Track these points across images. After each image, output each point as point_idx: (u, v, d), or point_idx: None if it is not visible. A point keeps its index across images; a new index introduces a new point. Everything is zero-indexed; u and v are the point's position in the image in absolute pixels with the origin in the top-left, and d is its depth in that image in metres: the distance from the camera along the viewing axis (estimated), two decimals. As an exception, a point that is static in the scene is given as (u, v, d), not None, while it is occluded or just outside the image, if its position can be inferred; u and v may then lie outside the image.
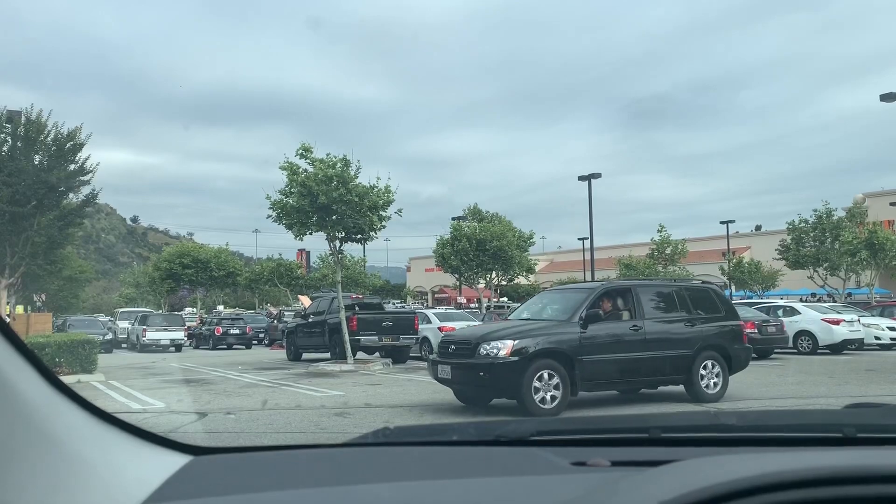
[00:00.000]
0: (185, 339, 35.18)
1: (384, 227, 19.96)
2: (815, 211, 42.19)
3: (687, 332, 11.62)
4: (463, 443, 1.63)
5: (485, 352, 10.26)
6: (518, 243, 43.42)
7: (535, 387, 10.06)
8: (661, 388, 12.12)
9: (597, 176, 38.94)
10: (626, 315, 11.41)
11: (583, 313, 10.81)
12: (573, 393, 10.41)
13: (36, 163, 28.77)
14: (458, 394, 11.51)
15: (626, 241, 73.70)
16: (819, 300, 37.10)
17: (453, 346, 11.04)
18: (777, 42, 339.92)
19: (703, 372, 11.54)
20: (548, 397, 10.13)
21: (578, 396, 10.68)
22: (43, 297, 54.68)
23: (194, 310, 56.05)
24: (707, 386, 11.55)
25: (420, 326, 22.02)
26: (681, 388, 11.76)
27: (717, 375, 11.67)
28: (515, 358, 10.06)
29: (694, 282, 13.95)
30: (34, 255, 31.32)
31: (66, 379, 12.47)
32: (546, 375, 10.15)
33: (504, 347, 10.17)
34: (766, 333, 21.39)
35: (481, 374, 10.23)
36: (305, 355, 23.13)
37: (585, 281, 48.81)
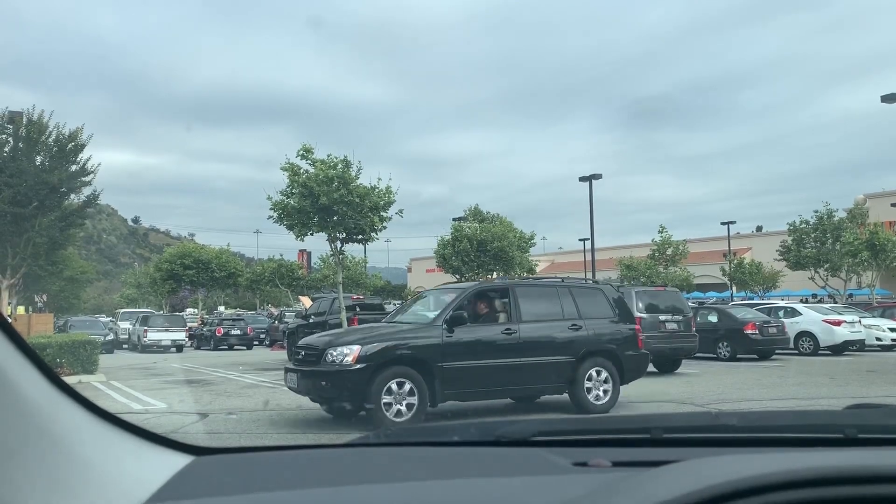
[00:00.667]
0: (187, 339, 35.20)
1: (385, 227, 20.02)
2: (816, 212, 42.20)
3: (570, 337, 10.68)
4: (464, 443, 1.64)
5: (330, 359, 9.25)
6: (519, 244, 43.42)
7: (386, 397, 9.12)
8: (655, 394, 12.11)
9: (597, 177, 38.94)
10: (502, 317, 10.52)
11: (447, 316, 9.91)
12: (432, 403, 9.49)
13: (37, 164, 28.81)
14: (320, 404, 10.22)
15: (627, 241, 73.67)
16: (820, 301, 37.09)
17: (302, 353, 9.97)
18: (778, 42, 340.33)
19: (588, 381, 10.66)
20: (402, 408, 9.17)
21: (438, 407, 9.79)
22: (44, 297, 54.71)
23: (195, 310, 56.05)
24: (595, 395, 10.65)
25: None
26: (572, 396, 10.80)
27: (605, 383, 10.75)
28: (362, 365, 9.08)
29: (586, 282, 13.18)
30: (35, 255, 31.35)
31: (68, 379, 12.45)
32: (398, 384, 9.20)
33: (350, 354, 9.18)
34: (767, 334, 21.38)
35: (324, 383, 9.30)
36: (306, 356, 23.09)
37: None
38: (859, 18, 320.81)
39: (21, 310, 38.23)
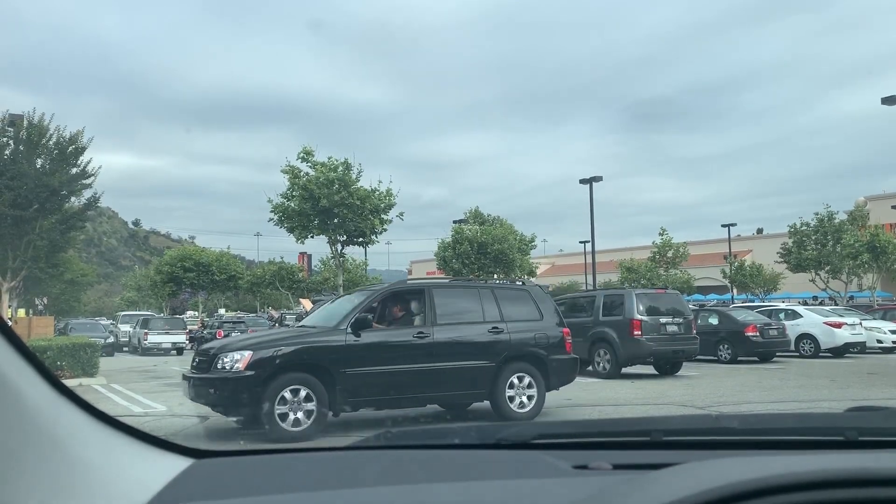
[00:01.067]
0: (187, 342, 35.18)
1: (385, 230, 20.06)
2: (817, 214, 42.23)
3: (489, 341, 10.12)
4: (464, 446, 1.63)
5: (220, 365, 8.76)
6: (519, 246, 43.46)
7: (280, 407, 8.58)
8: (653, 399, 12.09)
9: (598, 179, 38.95)
10: (417, 320, 9.99)
11: (352, 319, 9.34)
12: (333, 411, 8.99)
13: (38, 166, 28.84)
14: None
15: (627, 244, 73.74)
16: (821, 303, 37.09)
17: (198, 359, 9.46)
18: (779, 44, 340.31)
19: (511, 387, 10.10)
20: (299, 417, 8.66)
21: (349, 414, 9.38)
22: (44, 300, 54.76)
23: (196, 313, 56.09)
24: (518, 403, 10.11)
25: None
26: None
27: (529, 389, 10.21)
28: (252, 372, 8.57)
29: (513, 283, 12.64)
30: (36, 258, 31.37)
31: (68, 382, 12.48)
32: (293, 392, 8.67)
33: (240, 360, 8.67)
34: (768, 337, 21.38)
35: (212, 390, 8.74)
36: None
37: (586, 286, 48.80)
38: (860, 20, 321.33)
39: (21, 313, 38.24)
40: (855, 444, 1.56)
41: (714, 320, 22.17)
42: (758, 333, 21.11)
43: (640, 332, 16.53)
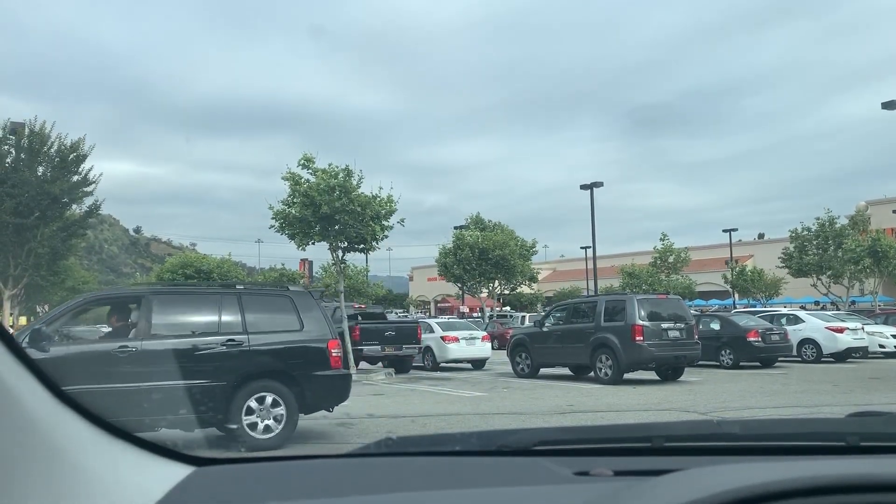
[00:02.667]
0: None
1: (387, 236, 20.01)
2: (818, 219, 42.22)
3: (220, 355, 8.80)
4: (466, 453, 1.63)
5: None
6: (521, 252, 43.44)
7: None
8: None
9: (599, 185, 39.01)
10: (132, 332, 8.81)
11: (28, 331, 8.29)
12: None
13: (39, 174, 28.94)
14: None
15: (629, 249, 73.73)
16: (822, 308, 37.05)
17: None
18: (780, 49, 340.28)
19: (251, 410, 8.83)
20: None
21: None
22: (46, 307, 54.70)
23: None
24: (262, 427, 8.83)
25: (423, 336, 22.04)
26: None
27: (276, 408, 8.93)
28: None
29: (274, 288, 11.27)
30: (37, 266, 31.42)
31: (69, 390, 12.44)
32: None
33: None
34: (770, 342, 21.36)
35: None
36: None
37: (588, 292, 48.78)
38: (861, 25, 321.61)
39: (23, 320, 38.27)
40: (857, 450, 1.55)
41: (716, 325, 22.16)
42: (760, 338, 21.10)
43: (641, 338, 16.51)
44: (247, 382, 8.85)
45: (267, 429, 8.85)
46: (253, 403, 8.83)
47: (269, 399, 8.92)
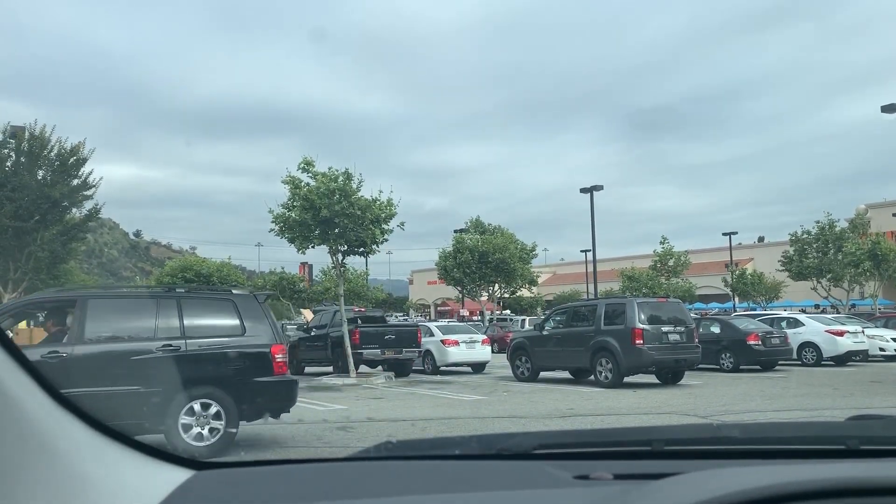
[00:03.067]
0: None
1: (386, 240, 20.02)
2: (818, 222, 42.25)
3: (156, 361, 8.47)
4: (465, 457, 1.63)
5: None
6: (520, 255, 43.46)
7: None
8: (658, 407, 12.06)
9: (599, 188, 39.02)
10: (66, 337, 8.54)
11: None
12: None
13: (39, 178, 28.97)
14: None
15: (629, 252, 73.73)
16: (823, 312, 37.04)
17: None
18: (780, 52, 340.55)
19: (188, 417, 8.49)
20: None
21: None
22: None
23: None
24: (196, 435, 8.48)
25: (423, 339, 22.03)
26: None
27: (215, 419, 8.61)
28: None
29: (216, 291, 10.92)
30: (37, 270, 31.42)
31: (69, 394, 12.41)
32: None
33: None
34: (770, 345, 21.35)
35: None
36: (308, 369, 23.11)
37: (587, 295, 48.75)
38: (860, 28, 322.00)
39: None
40: (857, 453, 1.55)
41: (716, 329, 22.15)
42: (760, 342, 21.09)
43: (641, 342, 16.51)
44: (183, 388, 8.51)
45: (203, 436, 8.53)
46: (190, 410, 8.53)
47: (206, 406, 8.61)
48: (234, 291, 9.98)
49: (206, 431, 8.53)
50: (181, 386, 8.47)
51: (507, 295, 47.91)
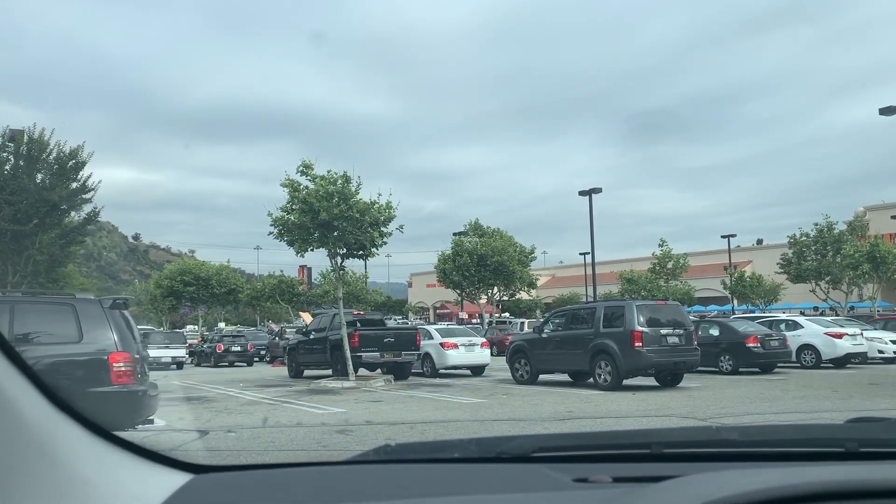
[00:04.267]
0: (187, 356, 35.10)
1: (385, 243, 20.00)
2: (817, 224, 42.26)
3: None
4: (464, 460, 1.63)
5: None
6: (519, 258, 43.46)
7: None
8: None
9: (597, 191, 39.00)
10: None
11: None
12: None
13: (38, 181, 28.97)
14: None
15: (628, 255, 73.76)
16: (821, 314, 37.06)
17: None
18: (779, 55, 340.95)
19: None
20: None
21: None
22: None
23: (196, 327, 56.03)
24: None
25: (422, 342, 22.01)
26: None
27: None
28: None
29: (55, 295, 9.96)
30: (36, 273, 31.41)
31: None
32: None
33: None
34: (769, 347, 21.34)
35: None
36: (307, 372, 23.10)
37: (587, 298, 48.71)
38: (859, 31, 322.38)
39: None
40: (856, 456, 1.55)
41: (715, 331, 22.14)
42: (759, 344, 21.08)
43: (640, 344, 16.50)
44: None
45: None
46: None
47: None
48: (77, 296, 9.33)
49: None
50: None
51: (506, 297, 47.91)
